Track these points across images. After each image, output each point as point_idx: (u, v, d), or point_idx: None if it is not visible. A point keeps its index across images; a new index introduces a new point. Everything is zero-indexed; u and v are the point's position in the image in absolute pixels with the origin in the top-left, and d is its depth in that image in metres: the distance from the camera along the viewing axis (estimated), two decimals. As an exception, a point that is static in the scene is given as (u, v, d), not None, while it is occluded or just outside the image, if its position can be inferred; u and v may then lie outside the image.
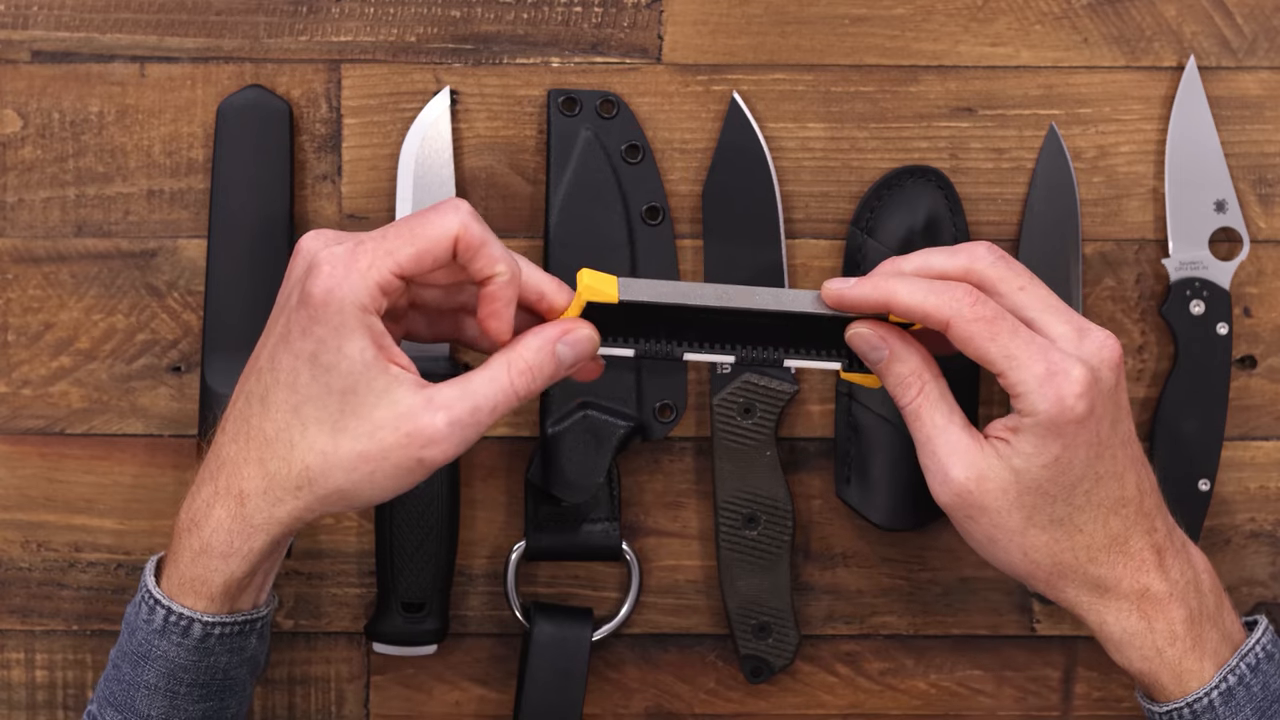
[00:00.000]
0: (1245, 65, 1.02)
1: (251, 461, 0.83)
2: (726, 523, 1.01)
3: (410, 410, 0.81)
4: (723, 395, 1.01)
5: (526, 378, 0.83)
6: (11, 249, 1.01)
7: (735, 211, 1.01)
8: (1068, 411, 0.83)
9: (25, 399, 1.01)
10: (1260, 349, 1.03)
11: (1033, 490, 0.85)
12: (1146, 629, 0.87)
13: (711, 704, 1.04)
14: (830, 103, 1.02)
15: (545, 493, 1.00)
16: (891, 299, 0.85)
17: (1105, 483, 0.86)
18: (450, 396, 0.82)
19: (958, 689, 1.04)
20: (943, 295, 0.85)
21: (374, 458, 0.82)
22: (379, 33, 1.01)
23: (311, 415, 0.82)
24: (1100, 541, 0.86)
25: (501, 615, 1.03)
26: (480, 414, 0.82)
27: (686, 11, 1.01)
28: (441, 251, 0.82)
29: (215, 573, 0.85)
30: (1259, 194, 1.02)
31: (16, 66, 1.01)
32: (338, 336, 0.81)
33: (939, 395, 0.86)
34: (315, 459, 0.82)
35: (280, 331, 0.83)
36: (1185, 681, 0.87)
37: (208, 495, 0.85)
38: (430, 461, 0.82)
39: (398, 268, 0.82)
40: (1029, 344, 0.84)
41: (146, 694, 0.86)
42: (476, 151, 1.02)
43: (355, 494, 0.83)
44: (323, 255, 0.82)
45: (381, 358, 0.82)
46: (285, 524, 0.84)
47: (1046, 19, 1.02)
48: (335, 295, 0.81)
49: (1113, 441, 0.86)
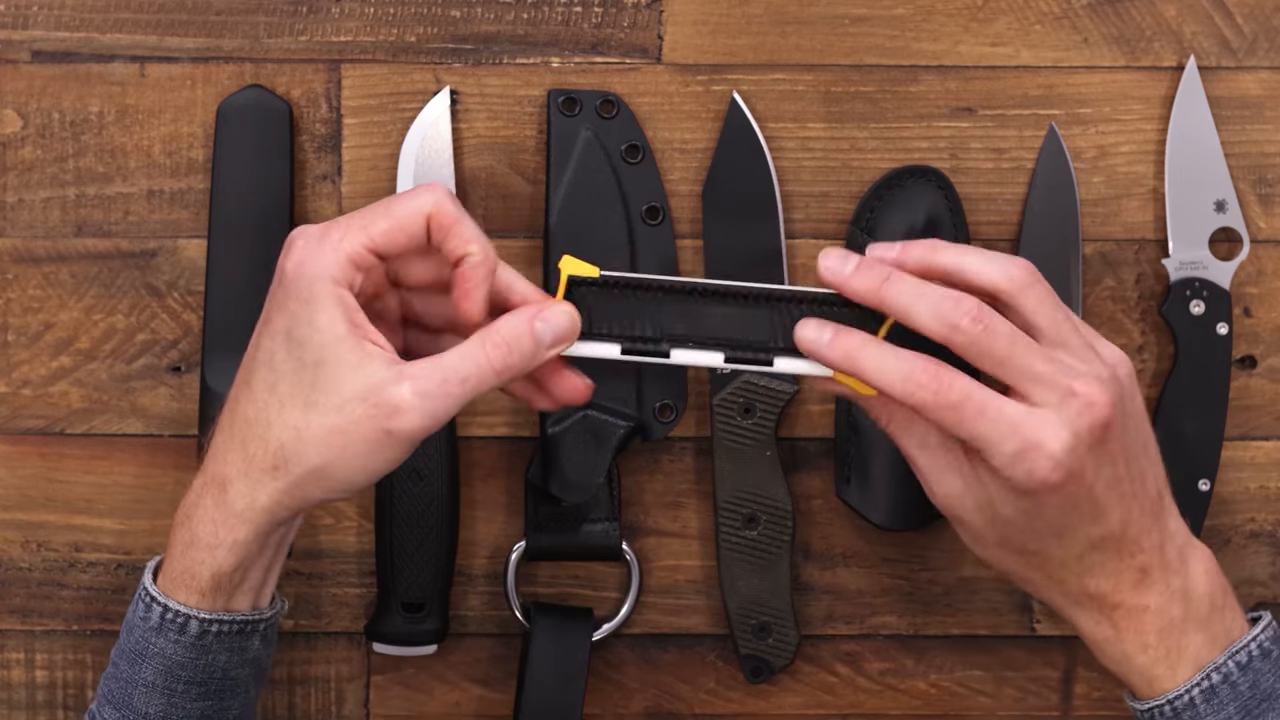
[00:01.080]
0: (1245, 65, 1.02)
1: (234, 446, 0.84)
2: (726, 523, 1.01)
3: (379, 382, 0.81)
4: (723, 395, 1.01)
5: (501, 350, 0.82)
6: (11, 249, 1.01)
7: (735, 212, 1.01)
8: (1040, 485, 0.82)
9: (25, 399, 1.01)
10: (1260, 349, 1.03)
11: (1004, 523, 0.85)
12: (1115, 638, 0.87)
13: (711, 704, 1.04)
14: (830, 103, 1.02)
15: (545, 493, 1.00)
16: (857, 365, 0.83)
17: (1083, 527, 0.85)
18: (420, 369, 0.81)
19: (958, 689, 1.04)
20: (906, 376, 0.82)
21: (343, 430, 0.81)
22: (379, 33, 1.01)
23: (286, 392, 0.82)
24: (1073, 569, 0.86)
25: (501, 615, 1.03)
26: (450, 385, 0.81)
27: (686, 11, 1.01)
28: (414, 228, 0.83)
29: (202, 565, 0.85)
30: (1259, 194, 1.02)
31: (16, 66, 1.01)
32: (308, 309, 0.81)
33: (910, 417, 0.86)
34: (289, 435, 0.82)
35: (263, 316, 0.84)
36: (1155, 686, 0.87)
37: (198, 486, 0.85)
38: (399, 433, 0.81)
39: (370, 241, 0.82)
40: (998, 420, 0.82)
41: (144, 691, 0.86)
42: (476, 151, 1.02)
43: (331, 473, 0.82)
44: (298, 234, 0.83)
45: (354, 333, 0.81)
46: (268, 510, 0.83)
47: (1046, 19, 1.02)
48: (306, 268, 0.82)
49: (1096, 485, 0.84)
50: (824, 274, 0.85)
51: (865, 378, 0.84)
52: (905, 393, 0.83)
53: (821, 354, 0.84)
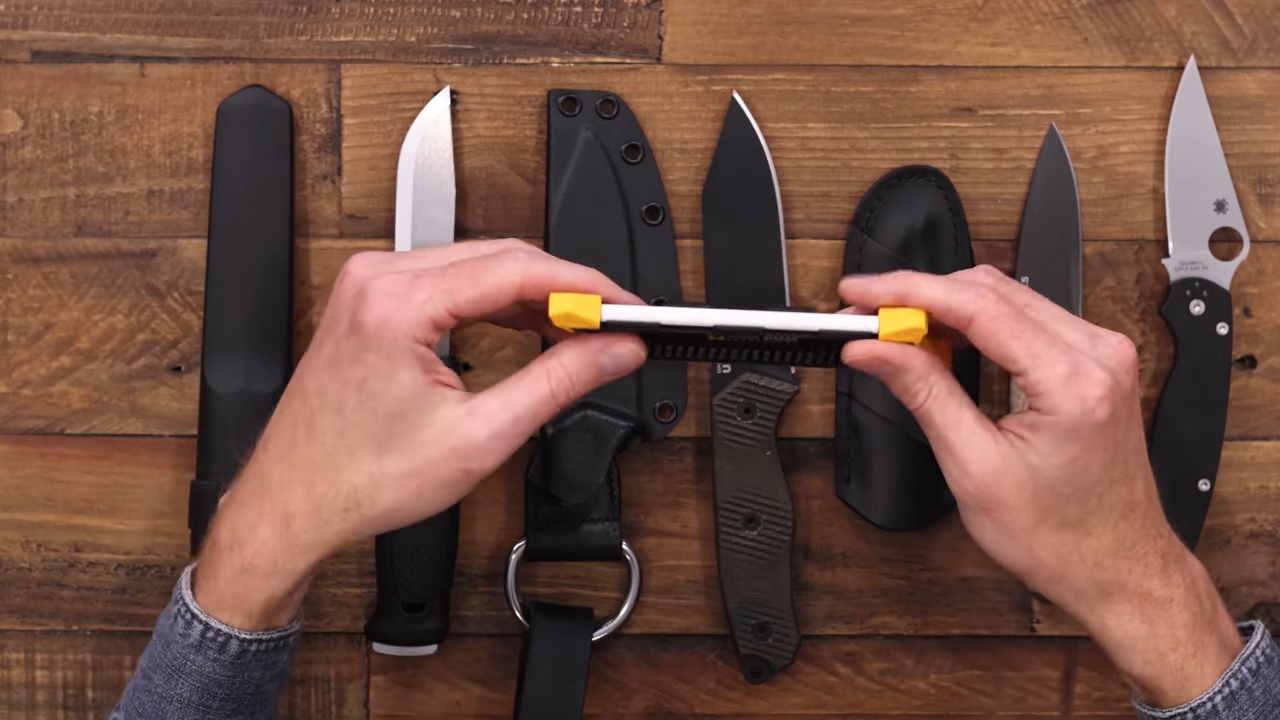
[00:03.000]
0: (1245, 65, 1.02)
1: (298, 484, 0.83)
2: (726, 523, 1.01)
3: (454, 425, 0.81)
4: (723, 395, 1.01)
5: (566, 385, 0.83)
6: (11, 249, 1.01)
7: (735, 212, 1.01)
8: (1089, 415, 0.83)
9: (25, 399, 1.01)
10: (1260, 349, 1.03)
11: (1048, 490, 0.84)
12: (1149, 633, 0.87)
13: (711, 704, 1.04)
14: (830, 103, 1.02)
15: (545, 493, 1.00)
16: (914, 292, 0.84)
17: (1118, 487, 0.85)
18: (492, 409, 0.82)
19: (958, 689, 1.04)
20: (966, 291, 0.84)
21: (420, 474, 0.82)
22: (379, 33, 1.01)
23: (358, 440, 0.82)
24: (1108, 546, 0.86)
25: (501, 615, 1.03)
26: (521, 424, 0.82)
27: (686, 11, 1.01)
28: (504, 299, 0.82)
29: (257, 591, 0.85)
30: (1259, 194, 1.02)
31: (16, 66, 1.01)
32: (389, 365, 0.81)
33: (948, 393, 0.85)
34: (363, 481, 0.82)
35: (329, 356, 0.83)
36: (1187, 687, 0.86)
37: (251, 516, 0.84)
38: (476, 473, 0.82)
39: (455, 308, 0.82)
40: (1052, 344, 0.83)
41: (179, 708, 0.86)
42: (476, 151, 1.02)
43: (404, 512, 0.83)
44: (376, 284, 0.82)
45: (430, 383, 0.82)
46: (332, 545, 0.84)
47: (1046, 19, 1.02)
48: (389, 325, 0.81)
49: (1126, 446, 0.85)
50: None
51: (928, 298, 0.83)
52: (974, 298, 0.83)
53: (873, 290, 0.84)
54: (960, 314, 0.84)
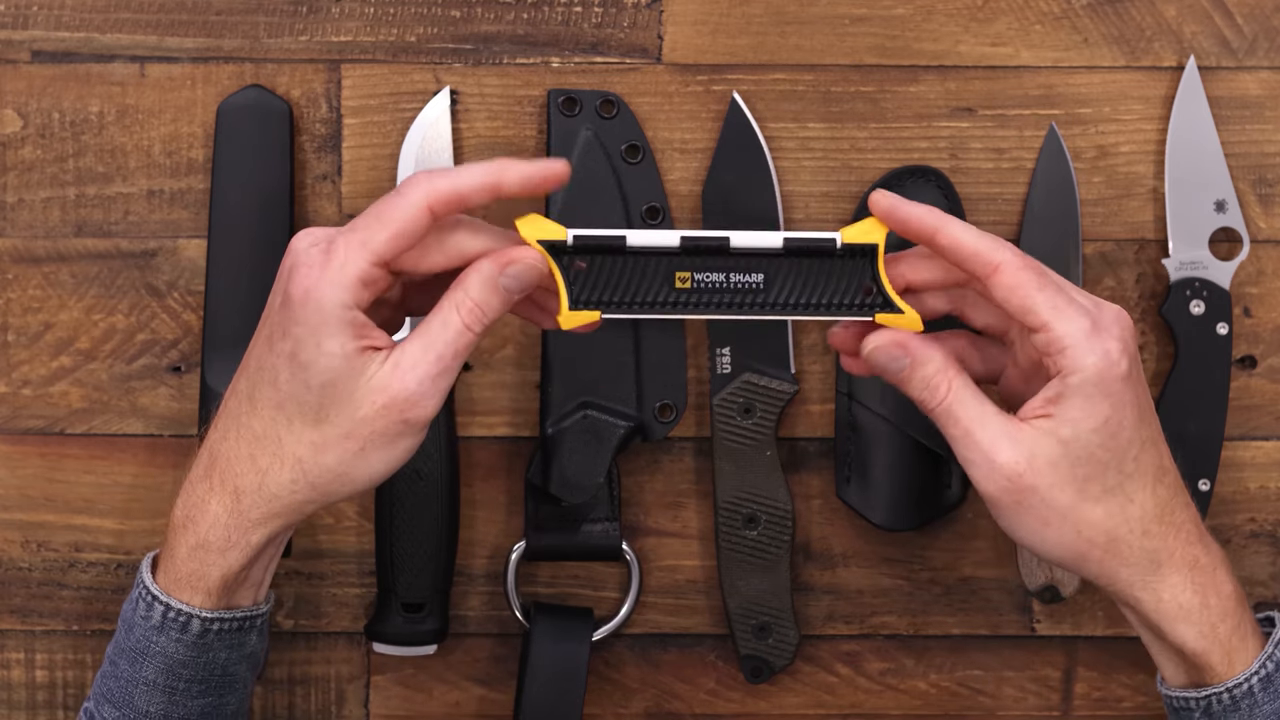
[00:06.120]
0: (1245, 65, 1.02)
1: (243, 458, 0.85)
2: (726, 523, 1.01)
3: (383, 382, 0.82)
4: (723, 395, 1.01)
5: (476, 314, 0.84)
6: (11, 249, 1.01)
7: (735, 211, 1.01)
8: (1114, 366, 0.83)
9: (25, 399, 1.01)
10: (1260, 349, 1.03)
11: (1084, 460, 0.83)
12: (1202, 604, 0.86)
13: (711, 704, 1.04)
14: (830, 103, 1.02)
15: (545, 493, 1.00)
16: (944, 228, 0.84)
17: (1150, 449, 0.85)
18: (415, 356, 0.83)
19: (958, 689, 1.04)
20: (994, 241, 0.84)
21: (358, 434, 0.83)
22: (379, 33, 1.01)
23: (295, 410, 0.83)
24: (1151, 512, 0.85)
25: (501, 615, 1.03)
26: (445, 361, 0.83)
27: (686, 11, 1.01)
28: (418, 226, 0.83)
29: (213, 567, 0.85)
30: (1259, 194, 1.02)
31: (16, 66, 1.01)
32: (316, 336, 0.82)
33: (967, 388, 0.84)
34: (305, 449, 0.84)
35: (265, 333, 0.84)
36: (1233, 662, 0.86)
37: (202, 492, 0.86)
38: (416, 421, 0.83)
39: (375, 256, 0.83)
40: (1071, 301, 0.83)
41: (145, 690, 0.87)
42: (476, 151, 1.02)
43: (353, 475, 0.84)
44: (301, 257, 0.83)
45: (360, 348, 0.83)
46: (283, 516, 0.85)
47: (1046, 19, 1.02)
48: (312, 296, 0.82)
49: (1147, 407, 0.85)
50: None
51: (956, 237, 0.84)
52: (1000, 246, 0.83)
53: (902, 211, 0.84)
54: (986, 259, 0.83)
